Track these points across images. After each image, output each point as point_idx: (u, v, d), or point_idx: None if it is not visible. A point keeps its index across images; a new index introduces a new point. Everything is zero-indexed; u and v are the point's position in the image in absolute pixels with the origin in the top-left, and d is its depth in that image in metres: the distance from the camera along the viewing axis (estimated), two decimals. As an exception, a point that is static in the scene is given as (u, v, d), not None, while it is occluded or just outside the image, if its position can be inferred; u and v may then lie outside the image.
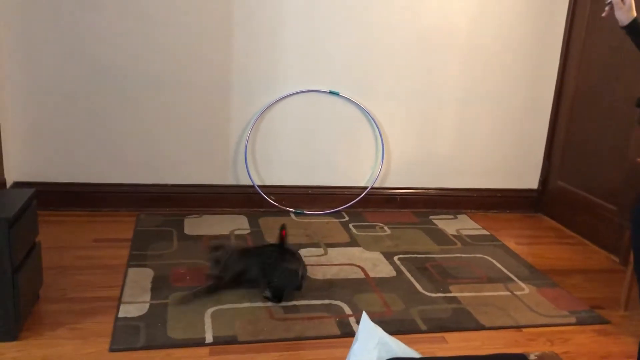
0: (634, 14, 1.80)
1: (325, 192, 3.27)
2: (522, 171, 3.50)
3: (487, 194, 3.47)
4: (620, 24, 1.82)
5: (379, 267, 2.58)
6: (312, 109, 3.15)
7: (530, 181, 3.53)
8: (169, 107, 3.00)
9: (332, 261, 2.61)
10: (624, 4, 1.78)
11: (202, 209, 3.12)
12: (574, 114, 3.28)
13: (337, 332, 2.04)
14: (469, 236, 3.04)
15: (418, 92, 3.24)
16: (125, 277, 2.32)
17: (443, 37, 3.17)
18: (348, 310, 2.18)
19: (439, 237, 3.00)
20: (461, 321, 2.17)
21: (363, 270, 2.54)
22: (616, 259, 2.87)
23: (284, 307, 2.17)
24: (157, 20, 2.87)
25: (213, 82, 3.01)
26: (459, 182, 3.43)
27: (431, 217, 3.29)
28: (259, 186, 3.17)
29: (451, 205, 3.42)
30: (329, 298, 2.27)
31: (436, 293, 2.37)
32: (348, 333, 2.03)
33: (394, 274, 2.53)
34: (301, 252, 2.64)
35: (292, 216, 3.16)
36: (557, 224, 3.36)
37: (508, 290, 2.45)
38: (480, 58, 3.25)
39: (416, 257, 2.72)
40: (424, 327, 2.11)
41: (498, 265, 2.70)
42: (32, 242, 2.03)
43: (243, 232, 2.89)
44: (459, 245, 2.91)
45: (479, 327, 2.14)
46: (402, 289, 2.38)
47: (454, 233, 3.07)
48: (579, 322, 2.23)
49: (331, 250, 2.73)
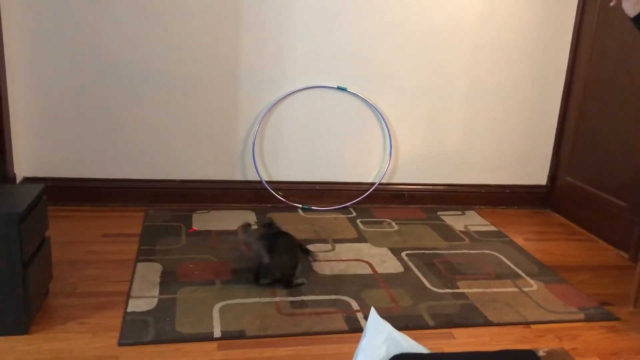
0: None
1: (333, 188, 3.26)
2: (531, 167, 3.48)
3: (495, 190, 3.45)
4: (628, 15, 1.80)
5: (386, 263, 2.58)
6: (320, 104, 3.14)
7: (539, 177, 3.51)
8: (177, 104, 3.01)
9: (340, 257, 2.61)
10: None
11: (210, 204, 3.13)
12: (583, 109, 3.26)
13: (345, 327, 2.04)
14: (477, 232, 3.03)
15: (426, 88, 3.23)
16: (134, 272, 2.33)
17: (452, 32, 3.16)
18: (356, 306, 2.18)
19: (447, 233, 3.00)
20: (469, 317, 2.17)
21: (371, 266, 2.54)
22: (625, 255, 2.86)
23: (291, 302, 2.17)
24: (166, 17, 2.88)
25: (221, 78, 3.01)
26: (467, 178, 3.42)
27: (439, 213, 3.28)
28: (267, 182, 3.17)
29: (459, 201, 3.41)
30: (336, 293, 2.27)
31: (444, 289, 2.37)
32: (356, 328, 2.03)
33: (401, 269, 2.52)
34: (309, 247, 2.66)
35: (300, 212, 3.16)
36: (566, 220, 3.34)
37: (516, 286, 2.44)
38: (489, 53, 3.23)
39: (424, 253, 2.71)
40: (431, 323, 2.11)
41: (506, 261, 2.69)
42: (42, 236, 2.05)
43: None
44: (466, 241, 2.91)
45: (487, 323, 2.13)
46: (410, 285, 2.38)
47: (462, 229, 3.06)
48: (588, 319, 2.22)
49: (339, 246, 2.73)
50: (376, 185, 3.29)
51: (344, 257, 2.61)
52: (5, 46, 2.68)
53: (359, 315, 2.12)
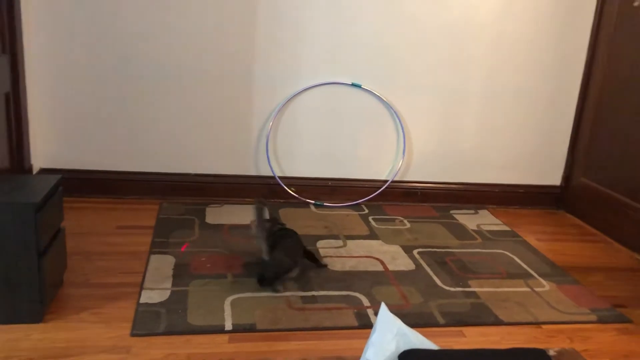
0: None
1: (346, 185, 3.27)
2: (545, 167, 3.46)
3: (509, 189, 3.43)
4: None
5: (398, 260, 2.58)
6: (334, 101, 3.14)
7: (553, 177, 3.48)
8: (192, 98, 3.02)
9: (351, 253, 2.61)
10: None
11: (224, 198, 3.15)
12: (600, 108, 3.22)
13: (355, 323, 2.05)
14: (489, 231, 3.02)
15: (441, 85, 3.21)
16: (147, 264, 2.35)
17: (468, 28, 3.14)
18: (366, 302, 2.18)
19: (459, 231, 2.99)
20: (480, 316, 2.16)
21: (382, 262, 2.54)
22: (639, 257, 2.83)
23: (302, 297, 2.18)
24: (183, 11, 2.89)
25: (236, 73, 3.02)
26: (481, 177, 3.40)
27: (452, 211, 3.27)
28: (280, 177, 3.18)
29: (472, 200, 3.39)
30: (347, 289, 2.27)
31: (455, 287, 2.36)
32: (366, 324, 2.03)
33: (412, 267, 2.52)
34: (318, 244, 2.66)
35: (312, 208, 3.17)
36: (580, 221, 3.32)
37: (528, 286, 2.43)
38: (506, 50, 3.21)
39: (436, 251, 2.71)
40: (442, 321, 2.10)
41: (518, 261, 2.68)
42: (57, 227, 2.07)
43: (263, 222, 2.91)
44: (479, 240, 2.90)
45: (498, 323, 2.13)
46: (421, 283, 2.38)
47: (475, 228, 3.05)
48: (600, 321, 2.20)
49: (350, 243, 2.73)
50: (389, 182, 3.28)
51: (355, 253, 2.62)
52: (24, 38, 2.72)
53: (370, 312, 2.12)
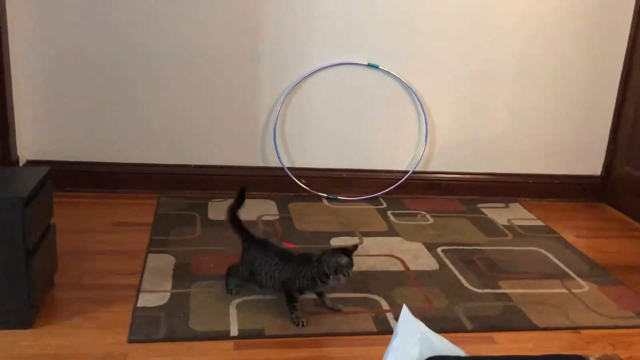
0: None
1: (362, 176, 3.26)
2: (584, 155, 3.43)
3: (543, 180, 3.41)
4: None
5: (420, 259, 2.57)
6: (348, 83, 3.13)
7: (593, 166, 3.45)
8: (193, 82, 3.02)
9: (369, 252, 2.61)
10: None
11: (228, 192, 3.14)
12: (645, 91, 3.19)
13: (373, 328, 2.04)
14: (521, 227, 3.00)
15: (467, 65, 3.19)
16: (145, 264, 2.36)
17: (500, 7, 3.10)
18: (385, 306, 2.18)
19: (488, 227, 2.97)
20: (512, 320, 2.15)
21: (402, 262, 2.54)
22: (690, 255, 2.80)
23: (314, 300, 2.18)
24: (181, -14, 2.89)
25: (240, 55, 3.02)
26: (512, 167, 3.38)
27: (479, 205, 3.26)
28: (289, 168, 3.18)
29: (502, 192, 3.37)
30: (364, 292, 2.27)
31: (484, 289, 2.35)
32: (385, 330, 2.03)
33: (436, 267, 2.51)
34: (332, 241, 2.66)
35: (325, 202, 3.17)
36: (623, 214, 3.29)
37: (565, 287, 2.41)
38: (540, 30, 3.17)
39: (462, 249, 2.70)
40: (469, 326, 2.09)
41: (554, 259, 2.66)
42: (47, 224, 2.08)
43: (271, 218, 2.91)
44: (510, 236, 2.88)
45: (532, 328, 2.11)
46: (446, 284, 2.37)
47: (505, 223, 3.04)
48: (646, 325, 2.19)
49: (367, 240, 2.72)
50: (410, 173, 3.27)
51: (373, 252, 2.61)
52: (8, 19, 2.73)
53: (389, 316, 2.11)
